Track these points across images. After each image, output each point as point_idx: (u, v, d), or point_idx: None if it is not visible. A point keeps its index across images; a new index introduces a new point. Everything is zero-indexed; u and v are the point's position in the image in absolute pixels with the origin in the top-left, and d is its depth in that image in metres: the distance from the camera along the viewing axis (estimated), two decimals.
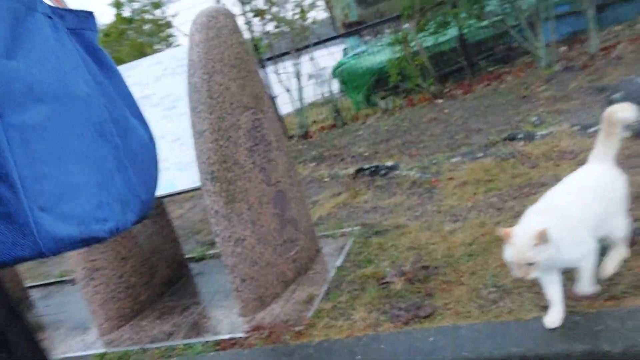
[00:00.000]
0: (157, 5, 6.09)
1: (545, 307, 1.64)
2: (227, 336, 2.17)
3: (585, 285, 1.56)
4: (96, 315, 2.53)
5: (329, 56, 7.26)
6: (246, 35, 5.42)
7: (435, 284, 2.05)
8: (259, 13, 5.83)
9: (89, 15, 0.73)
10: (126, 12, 6.03)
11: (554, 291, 1.56)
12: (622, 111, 1.60)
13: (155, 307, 2.68)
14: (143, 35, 6.37)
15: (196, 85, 2.23)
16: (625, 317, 1.50)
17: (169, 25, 6.60)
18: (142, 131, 0.74)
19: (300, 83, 6.10)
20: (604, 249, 1.66)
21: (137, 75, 2.61)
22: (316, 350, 1.86)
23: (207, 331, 2.28)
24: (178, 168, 2.41)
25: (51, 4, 0.72)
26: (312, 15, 6.25)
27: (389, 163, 3.57)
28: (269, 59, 6.17)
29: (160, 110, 2.53)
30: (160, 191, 2.44)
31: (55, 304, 3.20)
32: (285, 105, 6.31)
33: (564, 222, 1.49)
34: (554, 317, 1.55)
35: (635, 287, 1.64)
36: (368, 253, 2.51)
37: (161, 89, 2.54)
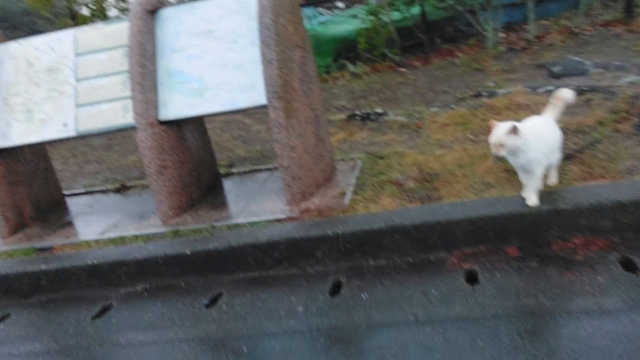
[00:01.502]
0: None
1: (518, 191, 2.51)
2: (283, 216, 2.88)
3: (532, 192, 2.35)
4: (161, 204, 3.13)
5: None
6: None
7: (439, 183, 2.88)
8: None
9: None
10: None
11: (524, 179, 2.41)
12: (567, 93, 2.52)
13: (206, 203, 3.31)
14: None
15: (267, 24, 2.87)
16: (569, 191, 2.40)
17: None
18: None
19: None
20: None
21: (203, 12, 3.17)
22: (362, 218, 2.63)
23: (263, 214, 2.97)
24: (241, 90, 3.03)
25: None
26: None
27: (378, 110, 4.36)
28: None
29: (223, 42, 3.11)
30: (223, 107, 3.07)
31: (99, 205, 3.72)
32: None
33: (536, 133, 2.32)
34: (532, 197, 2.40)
35: (576, 179, 2.55)
36: (379, 169, 3.29)
37: (224, 26, 3.12)
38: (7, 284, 2.93)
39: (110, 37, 3.28)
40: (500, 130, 2.23)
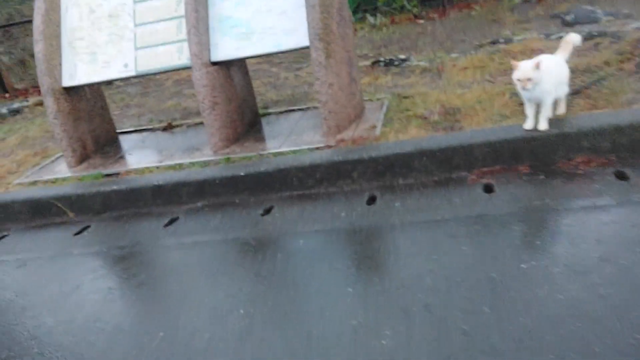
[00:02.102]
0: None
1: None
2: (321, 145, 3.28)
3: (544, 119, 2.75)
4: (213, 136, 3.54)
5: None
6: None
7: (460, 116, 3.26)
8: None
9: None
10: None
11: (530, 112, 2.79)
12: (575, 37, 2.88)
13: (250, 136, 3.73)
14: None
15: None
16: (574, 118, 2.78)
17: None
18: None
19: None
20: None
21: None
22: (393, 144, 3.03)
23: (303, 144, 3.37)
24: (285, 33, 3.39)
25: None
26: None
27: (401, 56, 4.69)
28: None
29: None
30: (269, 49, 3.44)
31: (150, 141, 4.14)
32: None
33: (547, 68, 2.68)
34: (528, 125, 2.79)
35: (581, 110, 2.92)
36: (404, 106, 3.67)
37: None
38: (82, 202, 3.39)
39: None
40: (527, 66, 2.60)
